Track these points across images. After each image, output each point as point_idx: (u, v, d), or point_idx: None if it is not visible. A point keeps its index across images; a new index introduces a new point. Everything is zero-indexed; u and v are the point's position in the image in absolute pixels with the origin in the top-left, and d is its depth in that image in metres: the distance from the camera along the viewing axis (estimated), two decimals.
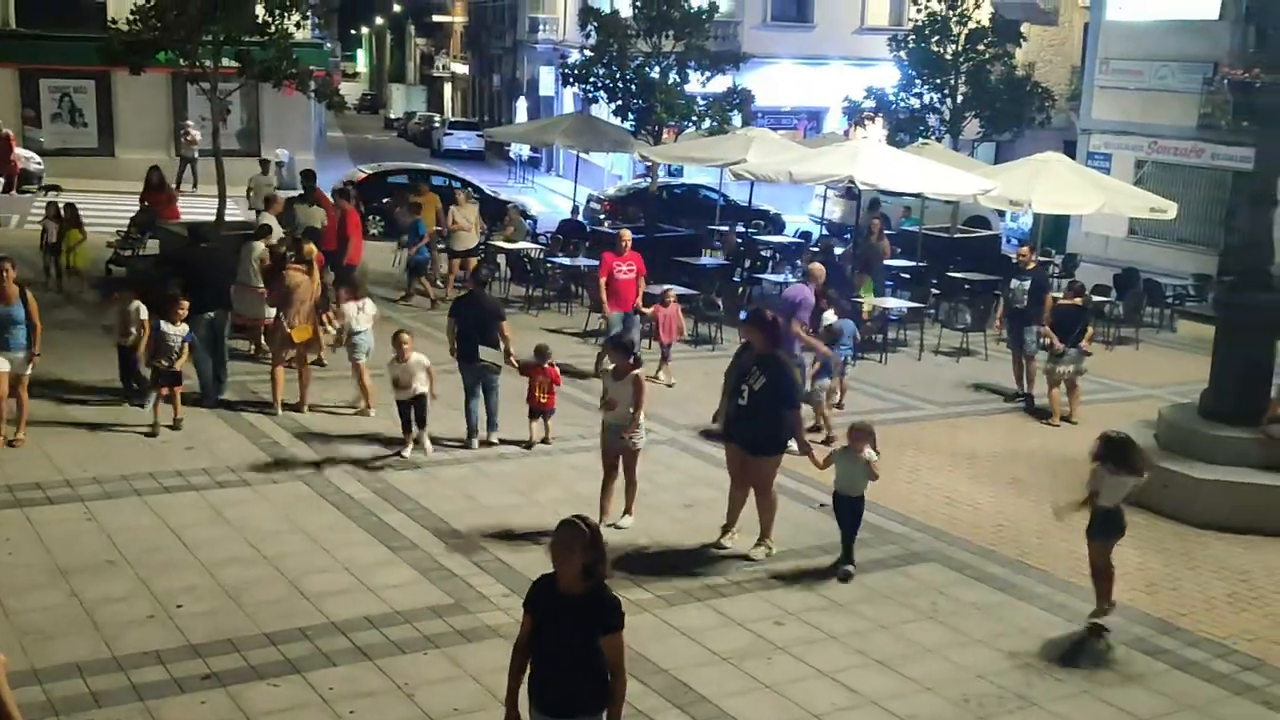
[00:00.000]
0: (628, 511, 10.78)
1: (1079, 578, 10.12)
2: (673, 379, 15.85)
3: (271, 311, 14.17)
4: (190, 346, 12.93)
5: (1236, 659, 8.89)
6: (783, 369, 10.03)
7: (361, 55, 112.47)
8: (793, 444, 10.25)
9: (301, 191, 19.74)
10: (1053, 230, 29.04)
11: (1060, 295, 16.04)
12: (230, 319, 14.62)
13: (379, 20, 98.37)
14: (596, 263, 20.75)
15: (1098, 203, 20.02)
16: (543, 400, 12.91)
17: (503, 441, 12.93)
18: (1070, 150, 28.17)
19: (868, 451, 9.85)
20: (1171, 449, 12.46)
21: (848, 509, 10.01)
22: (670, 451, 13.13)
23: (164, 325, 12.69)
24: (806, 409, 12.15)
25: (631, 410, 10.33)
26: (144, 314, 13.26)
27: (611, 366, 10.68)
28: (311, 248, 14.70)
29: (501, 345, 12.78)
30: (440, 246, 21.17)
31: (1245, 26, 26.95)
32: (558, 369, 13.23)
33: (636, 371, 10.45)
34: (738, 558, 10.18)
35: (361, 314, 13.80)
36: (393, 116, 76.26)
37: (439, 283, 20.92)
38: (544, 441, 13.03)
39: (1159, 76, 29.80)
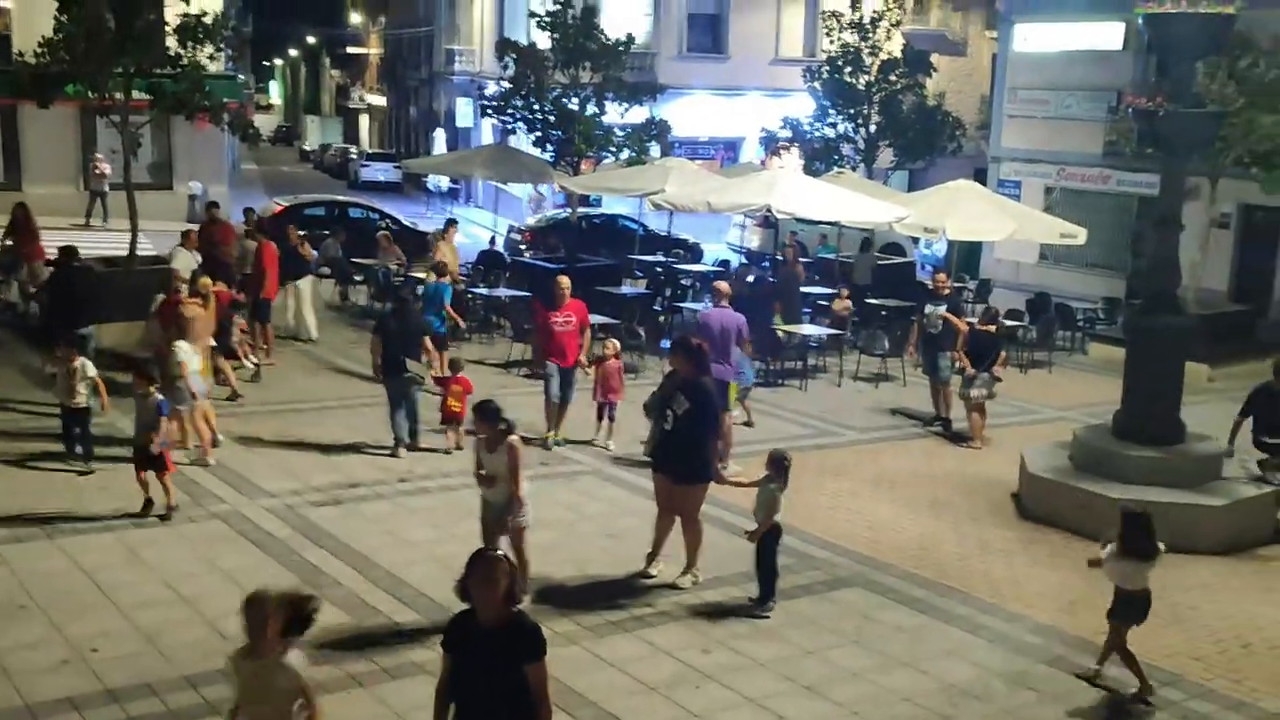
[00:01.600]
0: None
1: (999, 599, 10.29)
2: (611, 442, 14.19)
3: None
4: (163, 416, 11.19)
5: (1155, 676, 9.03)
6: (707, 395, 10.07)
7: (275, 87, 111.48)
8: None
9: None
10: (966, 256, 29.60)
11: (976, 321, 16.32)
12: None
13: (293, 52, 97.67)
14: (518, 293, 20.83)
15: (1009, 229, 20.43)
16: (455, 409, 13.68)
17: (426, 449, 13.64)
18: (981, 177, 28.75)
19: (773, 487, 9.80)
20: (1087, 469, 12.70)
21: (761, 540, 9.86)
22: (594, 482, 13.11)
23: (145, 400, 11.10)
24: None
25: (511, 485, 9.26)
26: (90, 371, 12.44)
27: (481, 436, 9.44)
28: (206, 281, 14.58)
29: (424, 359, 13.86)
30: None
31: (1147, 57, 27.76)
32: (469, 380, 14.05)
33: (511, 439, 9.25)
34: (664, 586, 10.18)
35: (193, 354, 13.09)
36: (308, 148, 75.65)
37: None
38: (457, 448, 13.61)
39: (1065, 105, 30.57)
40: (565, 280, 14.47)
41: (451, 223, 21.68)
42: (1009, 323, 21.05)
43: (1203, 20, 12.03)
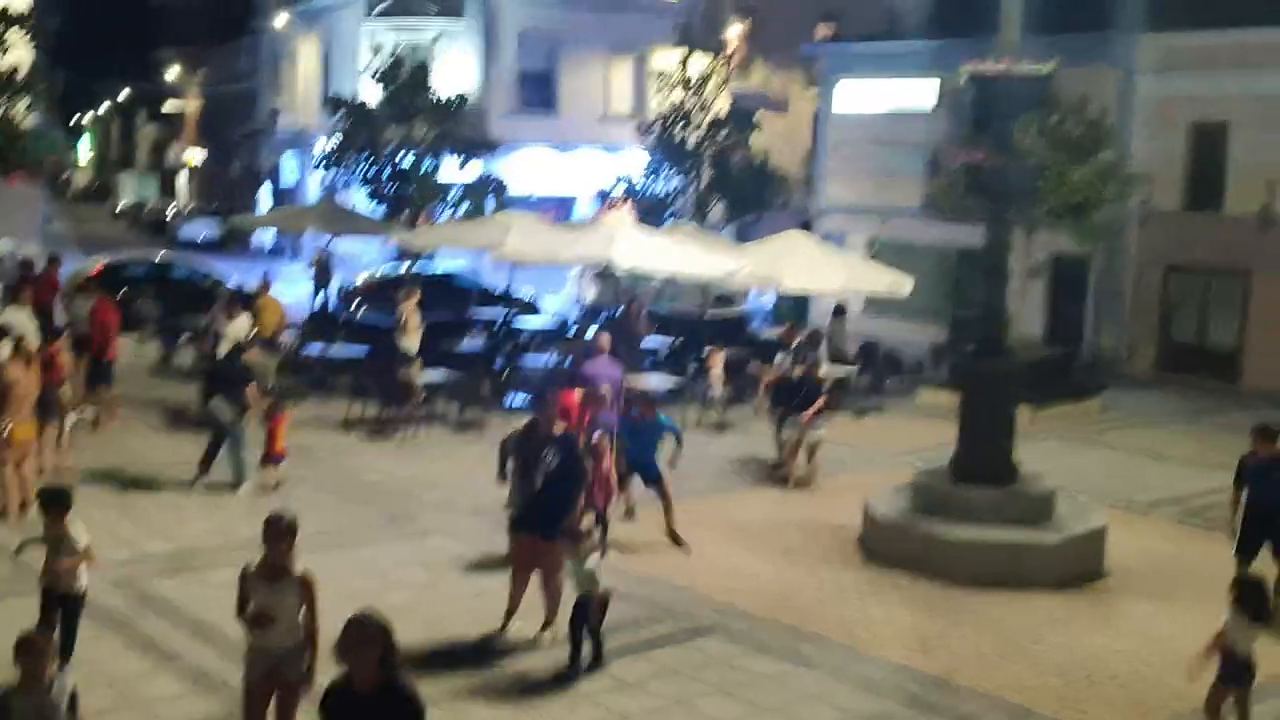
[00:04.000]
0: None
1: (855, 642, 10.46)
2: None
3: None
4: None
5: (1006, 709, 9.32)
6: (575, 450, 10.02)
7: (86, 142, 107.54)
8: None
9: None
10: (795, 306, 30.30)
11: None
12: None
13: (105, 107, 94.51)
14: (356, 350, 20.39)
15: (842, 280, 20.98)
16: (279, 449, 14.42)
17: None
18: (807, 230, 29.51)
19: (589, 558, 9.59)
20: (929, 512, 13.04)
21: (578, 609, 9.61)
22: (446, 541, 12.88)
23: None
24: None
25: (303, 633, 7.11)
26: (84, 540, 8.92)
27: (261, 559, 7.17)
28: (29, 344, 13.91)
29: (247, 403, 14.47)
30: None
31: (959, 115, 29.06)
32: (285, 417, 14.68)
33: (305, 572, 7.10)
34: (525, 644, 10.04)
35: None
36: (122, 205, 73.07)
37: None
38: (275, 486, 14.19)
39: (885, 160, 31.71)
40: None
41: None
42: (841, 368, 21.59)
43: (1022, 79, 12.67)
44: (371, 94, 27.55)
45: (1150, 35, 26.28)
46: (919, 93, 30.95)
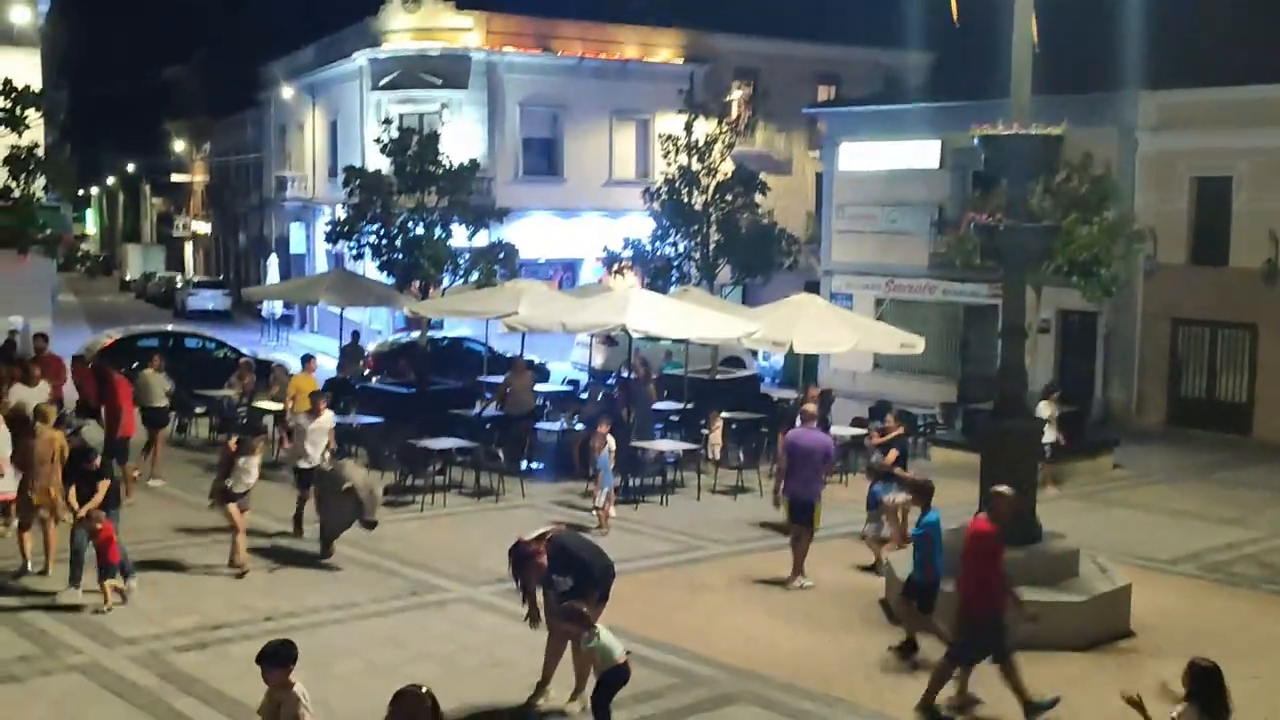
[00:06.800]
0: None
1: (883, 705, 10.40)
2: None
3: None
4: None
5: None
6: (572, 559, 9.90)
7: (90, 215, 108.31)
8: None
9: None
10: (805, 367, 30.39)
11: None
12: None
13: (110, 180, 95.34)
14: (370, 419, 20.43)
15: (852, 341, 21.05)
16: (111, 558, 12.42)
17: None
18: (813, 290, 29.64)
19: (591, 637, 9.21)
20: (951, 573, 12.88)
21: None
22: (468, 610, 12.86)
23: None
24: None
25: None
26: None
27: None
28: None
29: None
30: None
31: (964, 174, 29.32)
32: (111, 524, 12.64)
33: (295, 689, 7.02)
34: (553, 713, 9.98)
35: None
36: (129, 278, 73.54)
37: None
38: (122, 599, 12.45)
39: (890, 220, 31.93)
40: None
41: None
42: (856, 430, 21.54)
43: (1035, 141, 12.81)
44: (381, 163, 27.85)
45: (1149, 93, 26.57)
46: (922, 153, 31.20)
